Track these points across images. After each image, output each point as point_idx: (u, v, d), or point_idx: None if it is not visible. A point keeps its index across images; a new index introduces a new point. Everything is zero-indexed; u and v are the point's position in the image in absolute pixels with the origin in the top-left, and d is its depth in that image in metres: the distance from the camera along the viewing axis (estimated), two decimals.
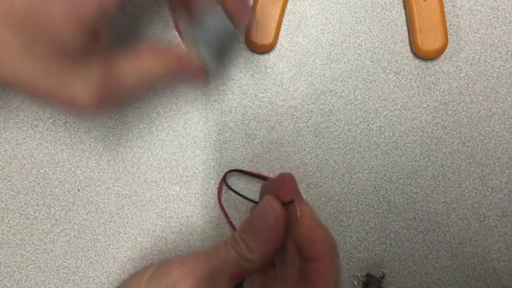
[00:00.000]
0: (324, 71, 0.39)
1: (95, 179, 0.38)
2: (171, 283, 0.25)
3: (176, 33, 0.30)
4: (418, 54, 0.38)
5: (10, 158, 0.38)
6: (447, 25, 0.38)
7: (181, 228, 0.38)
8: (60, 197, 0.38)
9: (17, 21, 0.23)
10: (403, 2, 0.39)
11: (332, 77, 0.39)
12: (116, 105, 0.27)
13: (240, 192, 0.35)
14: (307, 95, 0.38)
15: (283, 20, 0.38)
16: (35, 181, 0.38)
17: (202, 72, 0.30)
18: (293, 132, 0.38)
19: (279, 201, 0.26)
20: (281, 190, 0.27)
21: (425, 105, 0.39)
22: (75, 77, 0.24)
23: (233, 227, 0.36)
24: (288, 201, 0.27)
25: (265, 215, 0.26)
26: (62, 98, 0.25)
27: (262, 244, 0.26)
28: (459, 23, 0.39)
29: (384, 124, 0.39)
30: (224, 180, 0.35)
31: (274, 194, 0.27)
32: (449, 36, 0.38)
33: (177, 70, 0.29)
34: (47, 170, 0.38)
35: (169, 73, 0.29)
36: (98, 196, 0.38)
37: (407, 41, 0.39)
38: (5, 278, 0.37)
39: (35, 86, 0.24)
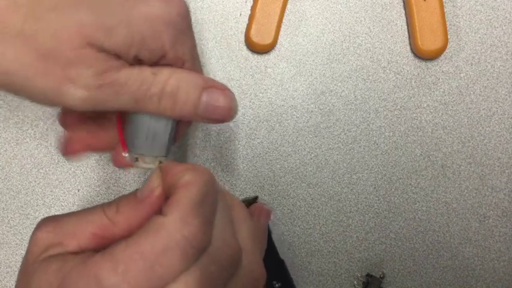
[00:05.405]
0: (324, 71, 0.39)
1: (95, 179, 0.38)
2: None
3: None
4: (418, 54, 0.38)
5: (10, 158, 0.38)
6: (447, 25, 0.38)
7: None
8: (60, 197, 0.38)
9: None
10: (403, 2, 0.39)
11: (332, 77, 0.39)
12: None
13: None
14: (307, 95, 0.38)
15: (283, 20, 0.38)
16: (35, 181, 0.38)
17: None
18: (293, 132, 0.38)
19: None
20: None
21: (425, 105, 0.39)
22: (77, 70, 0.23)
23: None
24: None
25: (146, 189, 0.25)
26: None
27: (133, 208, 0.25)
28: (459, 23, 0.39)
29: (383, 124, 0.39)
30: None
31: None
32: (449, 36, 0.38)
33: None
34: (47, 170, 0.38)
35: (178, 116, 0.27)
36: (98, 196, 0.38)
37: (407, 41, 0.39)
38: (5, 278, 0.37)
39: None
